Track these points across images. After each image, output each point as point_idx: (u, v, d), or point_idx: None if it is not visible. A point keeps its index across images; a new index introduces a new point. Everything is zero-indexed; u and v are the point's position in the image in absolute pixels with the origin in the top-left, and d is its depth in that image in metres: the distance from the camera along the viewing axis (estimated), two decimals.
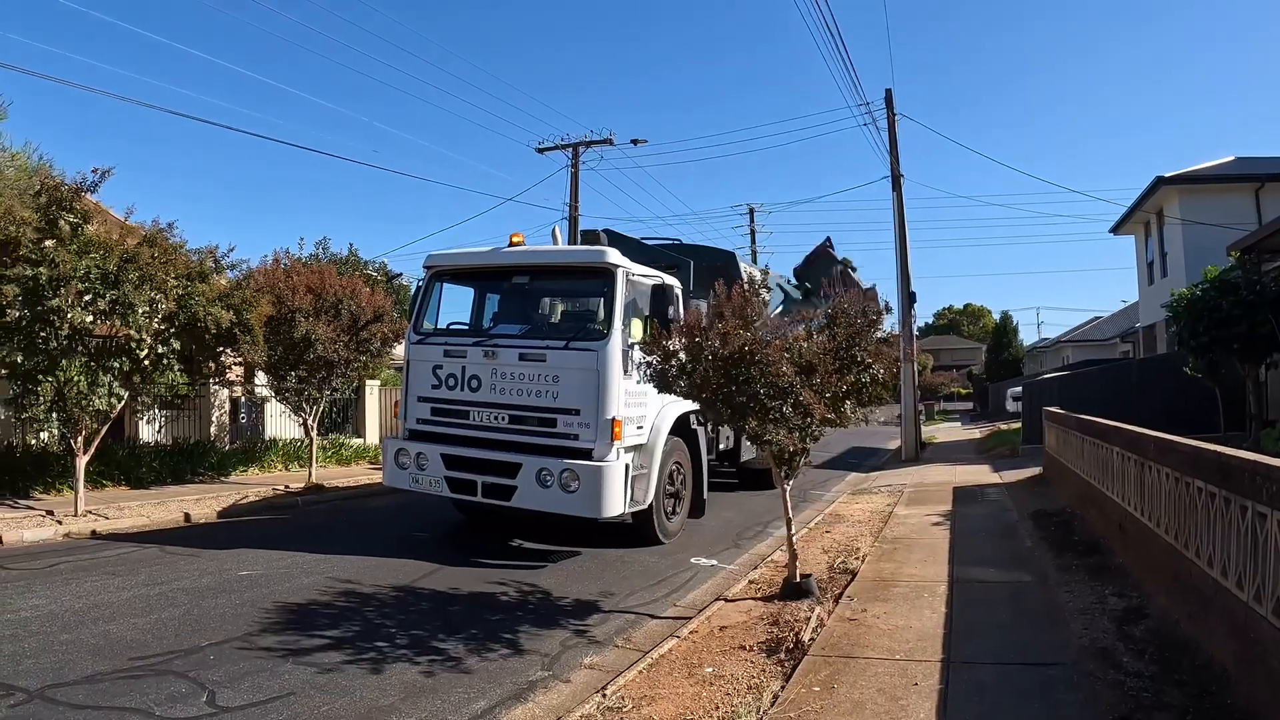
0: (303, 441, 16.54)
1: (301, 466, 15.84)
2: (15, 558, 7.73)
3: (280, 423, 17.45)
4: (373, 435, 20.14)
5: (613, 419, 7.76)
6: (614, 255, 8.33)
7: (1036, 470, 13.05)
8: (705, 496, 9.64)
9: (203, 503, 10.96)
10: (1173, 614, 4.71)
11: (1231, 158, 24.09)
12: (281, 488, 12.82)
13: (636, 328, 8.28)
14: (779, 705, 3.82)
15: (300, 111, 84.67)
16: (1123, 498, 6.47)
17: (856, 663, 4.38)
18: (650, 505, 8.31)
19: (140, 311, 9.94)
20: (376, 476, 15.14)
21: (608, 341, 7.86)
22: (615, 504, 7.66)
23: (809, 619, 5.24)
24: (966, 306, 73.35)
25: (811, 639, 4.81)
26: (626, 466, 7.81)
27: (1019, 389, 26.41)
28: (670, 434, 8.69)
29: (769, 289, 6.82)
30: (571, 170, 22.71)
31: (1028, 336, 54.67)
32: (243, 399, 17.61)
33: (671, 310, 8.32)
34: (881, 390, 5.85)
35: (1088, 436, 8.33)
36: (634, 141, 23.07)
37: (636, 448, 8.18)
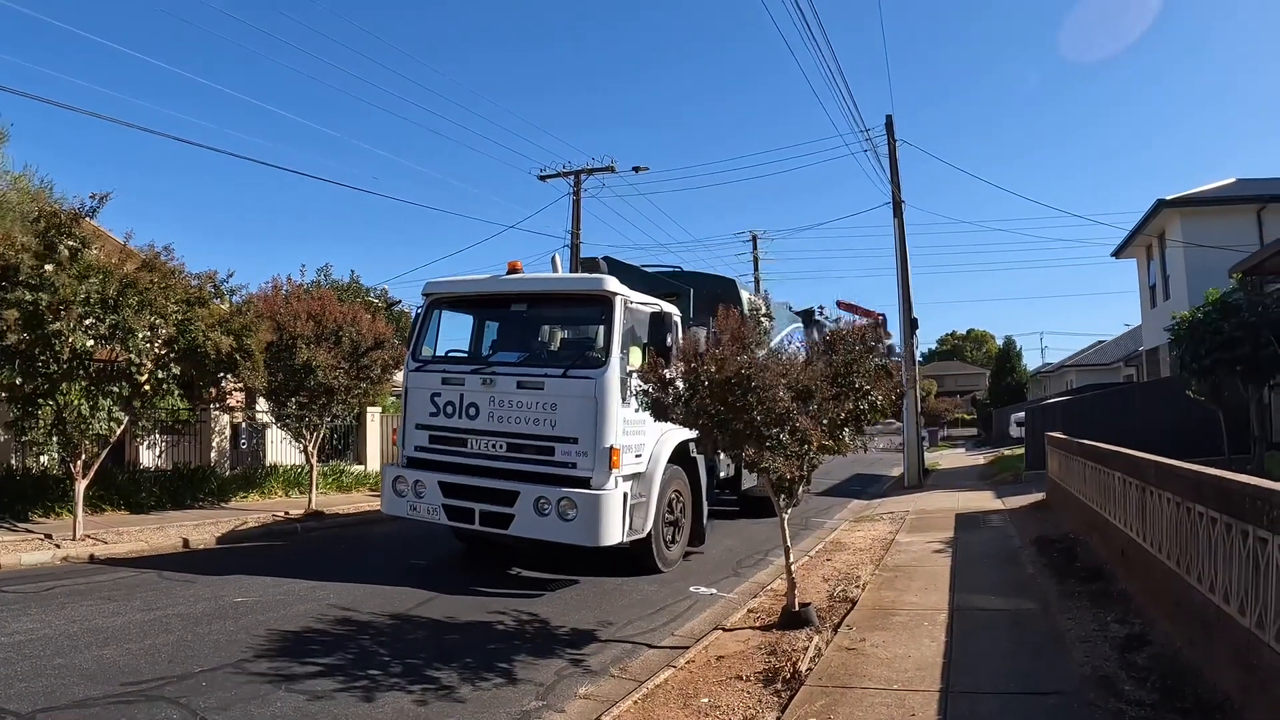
0: (303, 468, 16.51)
1: (302, 493, 15.76)
2: (11, 581, 7.69)
3: (281, 449, 17.41)
4: (373, 462, 20.08)
5: (611, 447, 7.73)
6: (612, 283, 8.33)
7: (1039, 496, 12.95)
8: (705, 524, 9.55)
9: (202, 528, 10.90)
10: (1175, 641, 4.64)
11: (1233, 179, 24.01)
12: (281, 514, 12.76)
13: (635, 355, 8.26)
14: None
15: (298, 136, 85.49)
16: (1125, 523, 6.41)
17: (853, 693, 4.32)
18: (649, 534, 8.22)
19: (140, 336, 9.96)
20: (377, 504, 15.02)
21: (606, 369, 7.85)
22: (613, 533, 7.59)
23: (807, 649, 5.18)
24: (970, 332, 73.34)
25: (809, 669, 4.75)
26: (625, 495, 7.74)
27: (1022, 415, 26.30)
28: (670, 462, 8.62)
29: (771, 316, 6.79)
30: (574, 197, 22.85)
31: (1031, 361, 54.58)
32: (243, 425, 17.61)
33: (670, 338, 8.25)
34: (879, 416, 5.82)
35: (1089, 461, 8.28)
36: (636, 169, 23.22)
37: (635, 476, 8.13)
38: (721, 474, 10.87)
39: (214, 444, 16.50)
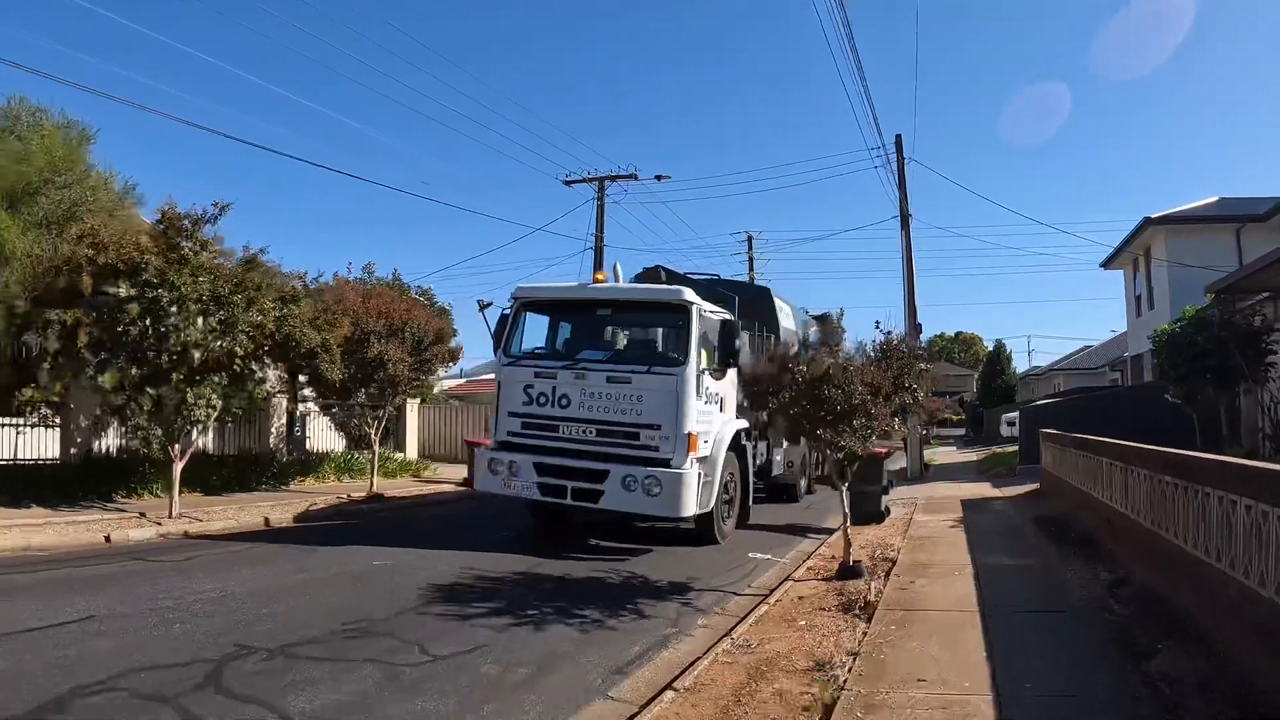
0: (350, 455, 17.99)
1: (352, 478, 17.30)
2: (137, 554, 8.63)
3: (324, 436, 18.74)
4: (412, 450, 21.56)
5: (689, 433, 9.06)
6: (689, 294, 9.63)
7: (1034, 486, 14.55)
8: (750, 505, 10.94)
9: (277, 509, 11.89)
10: (1151, 580, 6.19)
11: (1215, 198, 25.48)
12: (344, 497, 13.93)
13: (703, 356, 9.61)
14: (869, 638, 5.28)
15: (327, 132, 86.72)
16: (1111, 499, 7.97)
17: (916, 613, 5.85)
18: (711, 510, 9.51)
19: (244, 330, 11.15)
20: (424, 489, 16.54)
21: (685, 367, 9.18)
22: (690, 505, 8.91)
23: (869, 589, 6.70)
24: (958, 334, 75.25)
25: (877, 600, 6.28)
26: (698, 474, 9.05)
27: (1014, 415, 27.90)
28: (727, 449, 9.86)
29: (843, 329, 8.28)
30: (597, 202, 24.28)
31: (1019, 364, 56.52)
32: (297, 413, 18.99)
33: (736, 342, 9.68)
34: (920, 410, 7.36)
35: (1081, 452, 9.86)
36: (658, 177, 24.72)
37: (703, 459, 9.37)
38: (756, 463, 12.22)
39: (271, 431, 17.84)
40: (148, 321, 10.45)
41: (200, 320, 10.75)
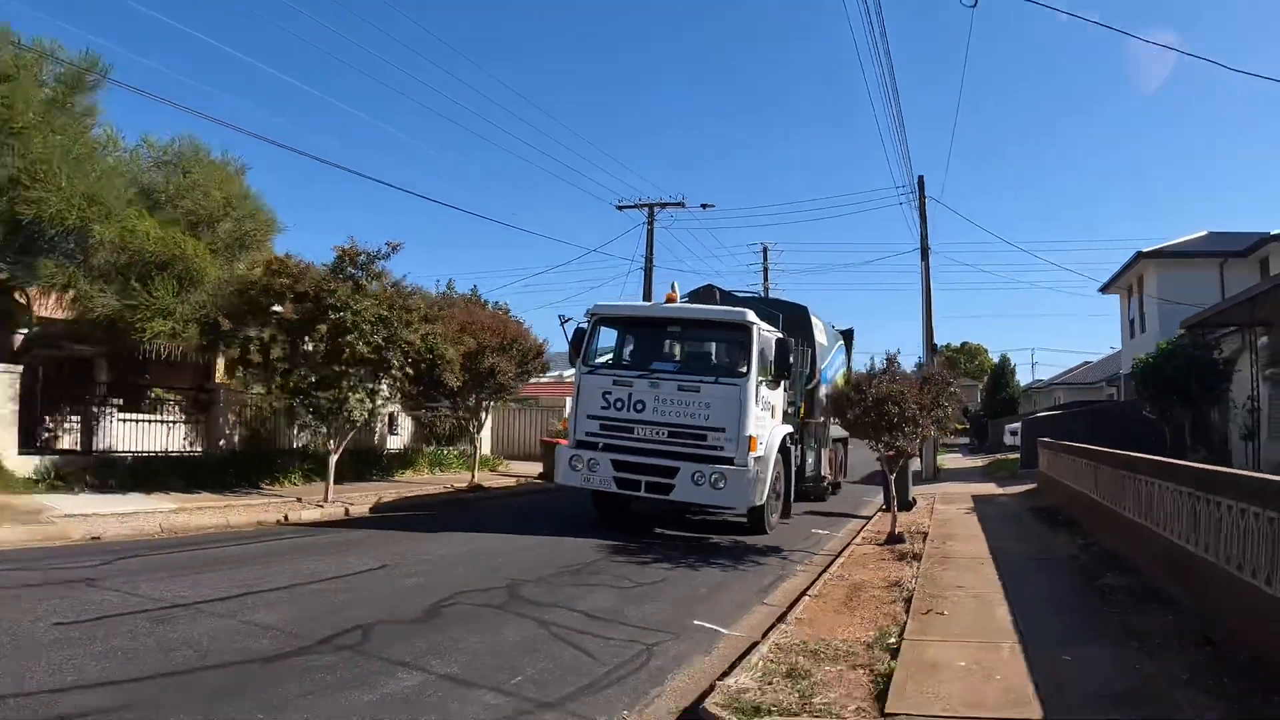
0: (439, 451, 20.93)
1: (442, 470, 20.22)
2: (325, 529, 10.55)
3: (411, 435, 21.69)
4: (486, 448, 24.42)
5: (750, 436, 10.43)
6: (751, 315, 10.98)
7: (1032, 486, 17.40)
8: (792, 501, 12.58)
9: (401, 495, 14.04)
10: (1111, 544, 9.00)
11: (1204, 233, 27.89)
12: (449, 486, 16.47)
13: (760, 369, 10.84)
14: (921, 570, 8.12)
15: (386, 149, 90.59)
16: (1090, 491, 10.78)
17: (950, 559, 8.72)
18: (764, 504, 10.86)
19: (400, 345, 13.71)
20: (507, 480, 19.20)
21: (748, 379, 10.55)
22: (752, 498, 10.44)
23: (913, 548, 9.53)
24: (964, 345, 77.94)
25: (920, 552, 9.13)
26: (757, 472, 10.45)
27: (1017, 425, 30.66)
28: (776, 451, 11.13)
29: (899, 364, 10.56)
30: (647, 227, 27.15)
31: (1024, 376, 59.40)
32: (396, 414, 21.85)
33: (791, 357, 11.32)
34: (950, 421, 10.22)
35: (1068, 455, 12.68)
36: (704, 206, 27.65)
37: (759, 459, 10.60)
38: (795, 464, 13.20)
39: (376, 429, 20.65)
40: (331, 338, 13.24)
41: (370, 337, 13.52)
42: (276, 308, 13.20)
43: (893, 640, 5.44)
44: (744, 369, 10.64)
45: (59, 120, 12.49)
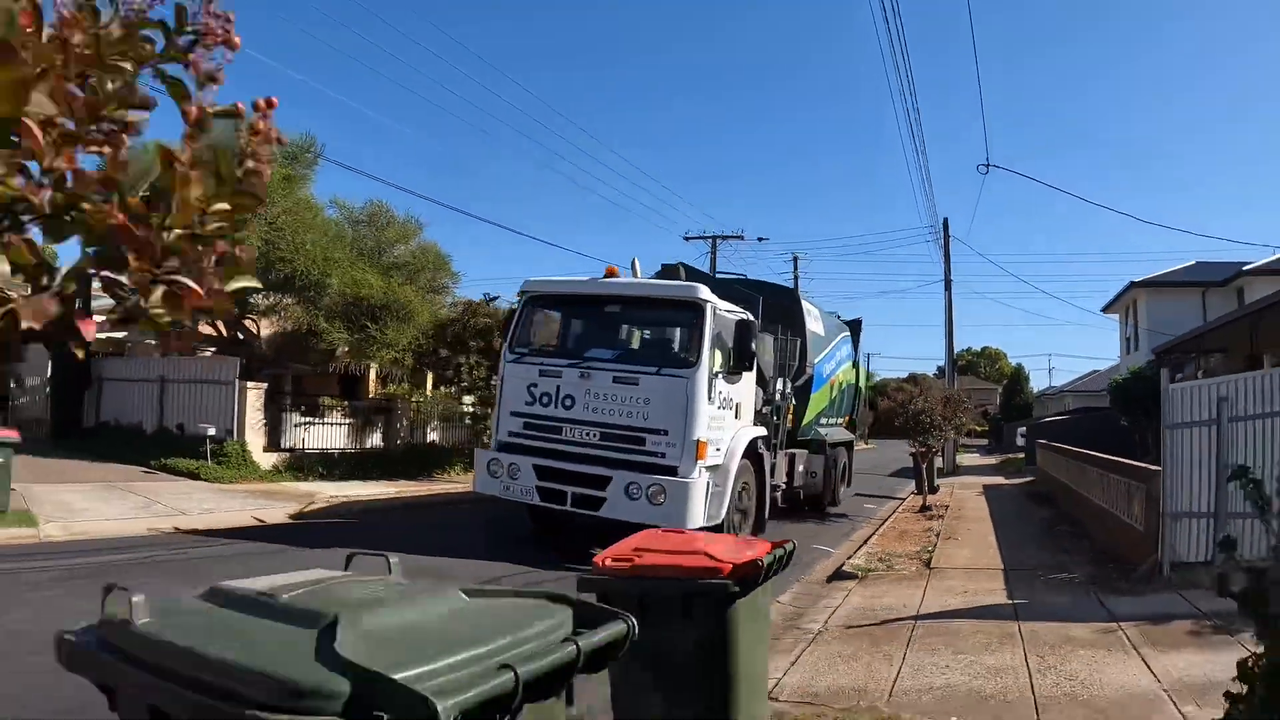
0: None
1: None
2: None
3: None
4: None
5: (698, 440, 8.43)
6: (704, 291, 9.00)
7: (1031, 478, 21.68)
8: (766, 515, 10.35)
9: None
10: (1079, 518, 13.27)
11: (1193, 262, 31.45)
12: None
13: (717, 358, 9.00)
14: (944, 524, 12.50)
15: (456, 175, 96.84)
16: (1071, 481, 15.06)
17: (964, 519, 13.12)
18: (722, 522, 8.76)
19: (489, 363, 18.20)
20: None
21: (697, 369, 8.55)
22: (697, 517, 8.21)
23: (937, 513, 13.90)
24: (984, 350, 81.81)
25: (944, 515, 13.51)
26: (708, 484, 8.48)
27: (1024, 429, 34.83)
28: (741, 457, 9.28)
29: (931, 380, 15.03)
30: (711, 257, 31.51)
31: (1041, 380, 63.48)
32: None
33: (754, 344, 9.22)
34: (964, 427, 14.64)
35: (1054, 453, 16.98)
36: (760, 239, 31.93)
37: (714, 467, 8.79)
38: (799, 469, 12.73)
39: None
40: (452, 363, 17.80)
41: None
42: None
43: (929, 552, 9.87)
44: (693, 357, 8.76)
45: (283, 190, 16.16)
